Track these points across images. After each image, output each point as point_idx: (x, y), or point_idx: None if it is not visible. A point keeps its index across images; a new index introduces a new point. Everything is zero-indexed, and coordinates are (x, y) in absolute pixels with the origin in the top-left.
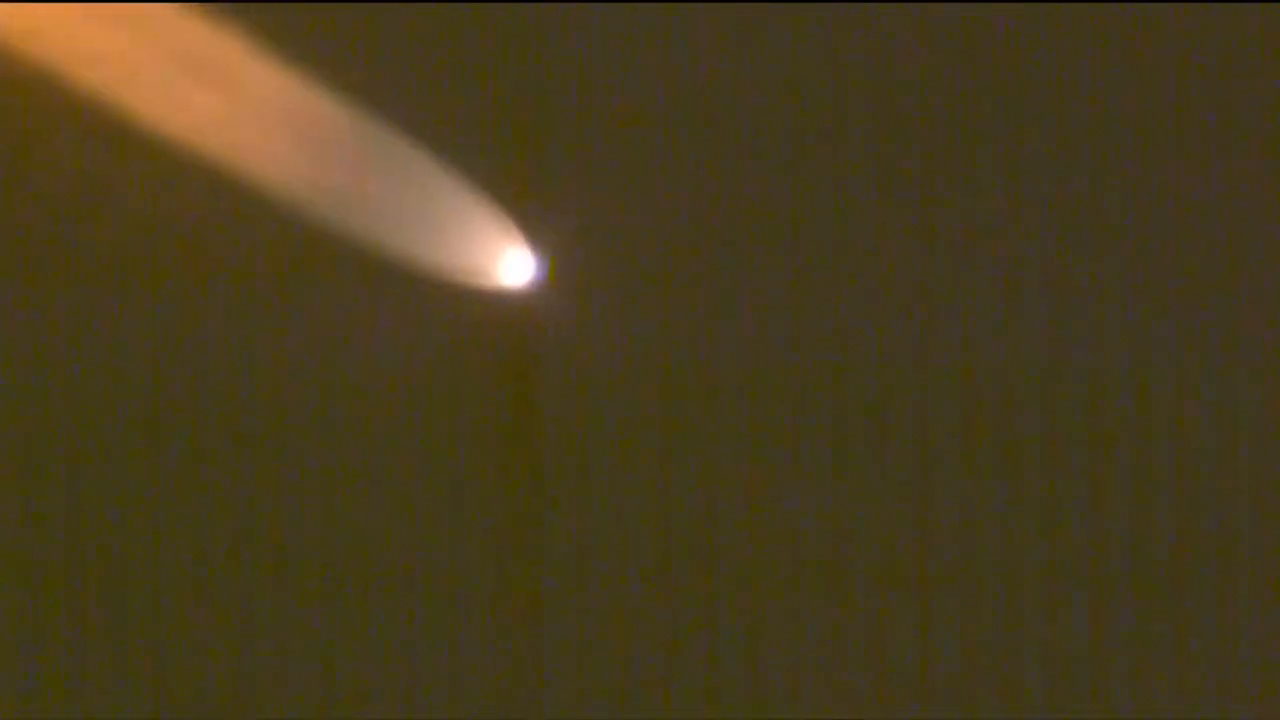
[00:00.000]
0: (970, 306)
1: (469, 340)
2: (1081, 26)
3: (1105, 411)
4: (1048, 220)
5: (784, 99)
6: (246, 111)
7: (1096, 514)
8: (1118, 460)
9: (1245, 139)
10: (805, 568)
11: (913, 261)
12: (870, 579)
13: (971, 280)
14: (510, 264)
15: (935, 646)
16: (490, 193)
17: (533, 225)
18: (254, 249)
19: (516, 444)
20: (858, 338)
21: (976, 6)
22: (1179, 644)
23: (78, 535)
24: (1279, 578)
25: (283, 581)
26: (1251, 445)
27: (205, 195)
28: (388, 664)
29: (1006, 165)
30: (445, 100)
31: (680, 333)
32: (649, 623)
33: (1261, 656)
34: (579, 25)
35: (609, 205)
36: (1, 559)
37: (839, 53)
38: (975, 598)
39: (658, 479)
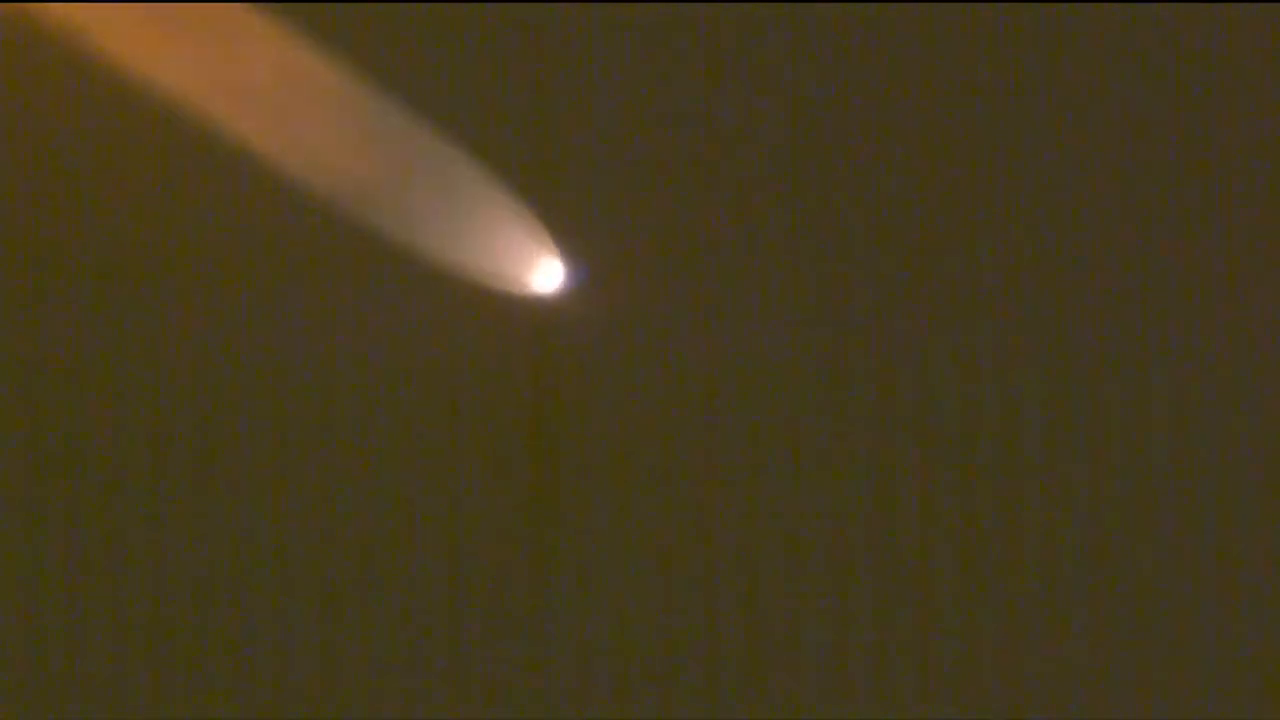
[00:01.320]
0: (995, 308)
1: (495, 346)
2: (1081, 26)
3: (1105, 411)
4: (1047, 221)
5: (817, 104)
6: (285, 101)
7: (1096, 514)
8: (1118, 460)
9: (1245, 139)
10: (826, 575)
11: (953, 264)
12: (895, 589)
13: (1001, 281)
14: (540, 271)
15: (935, 647)
16: (524, 199)
17: (564, 233)
18: (282, 242)
19: (538, 454)
20: (896, 343)
21: (977, 7)
22: (1179, 644)
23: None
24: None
25: (293, 582)
26: (1252, 445)
27: (233, 184)
28: (394, 666)
29: (1010, 165)
30: (484, 105)
31: (709, 343)
32: (660, 632)
33: (1261, 656)
34: (620, 38)
35: (641, 215)
36: (1, 560)
37: (866, 51)
38: (975, 598)
39: (682, 492)
